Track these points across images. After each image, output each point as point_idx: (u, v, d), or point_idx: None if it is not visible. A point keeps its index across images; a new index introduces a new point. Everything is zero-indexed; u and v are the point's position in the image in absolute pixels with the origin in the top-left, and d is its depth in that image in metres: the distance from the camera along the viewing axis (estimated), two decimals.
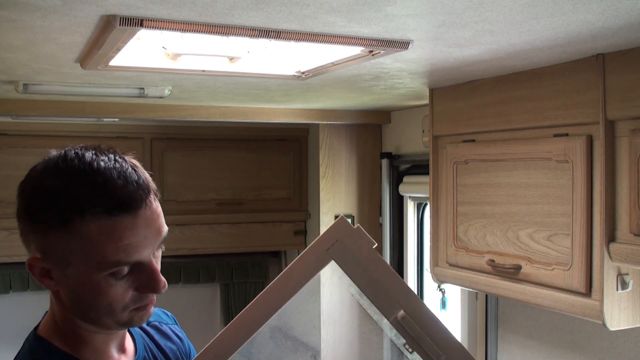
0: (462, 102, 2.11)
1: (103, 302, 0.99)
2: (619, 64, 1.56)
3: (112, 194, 0.94)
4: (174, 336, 1.31)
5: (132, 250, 0.96)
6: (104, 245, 0.94)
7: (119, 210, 0.94)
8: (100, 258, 0.95)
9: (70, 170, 0.96)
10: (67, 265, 0.97)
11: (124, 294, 0.99)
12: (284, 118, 2.95)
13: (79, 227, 0.94)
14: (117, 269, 0.96)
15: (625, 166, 1.57)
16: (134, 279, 1.00)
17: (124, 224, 0.94)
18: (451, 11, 1.21)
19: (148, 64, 1.70)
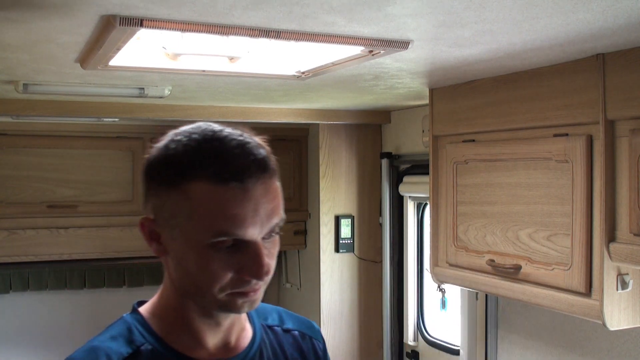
0: (462, 102, 2.11)
1: (204, 275, 0.95)
2: (619, 64, 1.56)
3: (226, 160, 0.92)
4: (310, 354, 1.20)
5: (237, 222, 0.92)
6: (209, 210, 0.92)
7: (229, 177, 0.91)
8: (204, 224, 0.92)
9: (193, 134, 0.96)
10: (174, 228, 0.96)
11: (223, 272, 0.94)
12: (284, 118, 2.95)
13: (188, 188, 0.92)
14: (219, 240, 0.92)
15: (625, 166, 1.57)
16: (237, 259, 0.94)
17: (232, 193, 0.91)
18: (451, 11, 1.21)
19: (148, 64, 1.70)
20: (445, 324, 3.01)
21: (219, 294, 0.96)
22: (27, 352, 3.49)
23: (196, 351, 1.04)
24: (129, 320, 1.06)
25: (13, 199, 3.18)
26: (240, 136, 0.97)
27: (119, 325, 1.07)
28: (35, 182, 3.24)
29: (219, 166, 0.92)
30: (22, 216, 3.18)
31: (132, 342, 1.02)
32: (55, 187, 3.28)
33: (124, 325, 1.06)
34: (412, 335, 3.16)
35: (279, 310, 1.22)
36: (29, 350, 3.50)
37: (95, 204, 3.35)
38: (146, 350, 1.01)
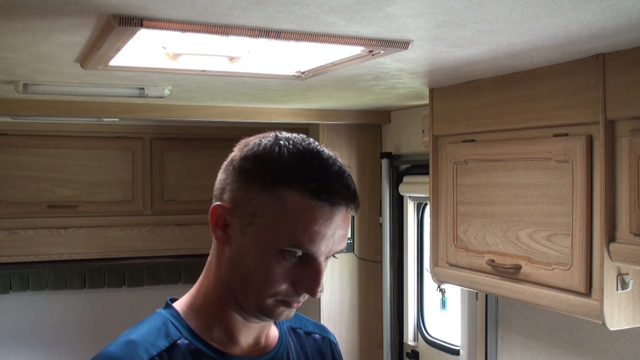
0: (462, 102, 2.11)
1: (260, 277, 0.99)
2: (619, 64, 1.56)
3: (326, 180, 0.97)
4: (329, 356, 1.25)
5: (315, 239, 0.97)
6: (296, 220, 0.96)
7: (325, 197, 0.96)
8: (286, 231, 0.96)
9: (298, 144, 1.01)
10: (250, 225, 0.99)
11: (282, 280, 0.99)
12: (284, 118, 2.95)
13: (284, 195, 0.96)
14: (292, 250, 0.97)
15: (625, 166, 1.57)
16: (298, 271, 0.99)
17: (322, 212, 0.96)
18: (451, 11, 1.21)
19: (148, 64, 1.70)
20: (445, 324, 3.01)
21: (267, 299, 1.00)
22: (27, 352, 3.49)
23: (230, 347, 1.06)
24: (164, 314, 1.08)
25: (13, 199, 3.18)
26: (339, 161, 1.03)
27: (155, 319, 1.08)
28: (35, 182, 3.24)
29: (319, 184, 0.97)
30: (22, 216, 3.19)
31: (168, 336, 1.03)
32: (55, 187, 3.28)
33: (160, 319, 1.07)
34: (412, 335, 3.16)
35: (297, 313, 1.24)
36: (29, 350, 3.50)
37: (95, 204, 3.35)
38: (183, 344, 1.03)
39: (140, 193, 3.48)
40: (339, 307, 3.34)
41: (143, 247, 3.53)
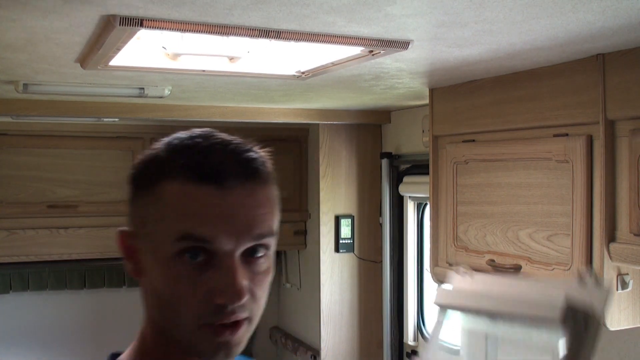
0: (462, 102, 2.11)
1: (172, 298, 0.79)
2: (619, 64, 1.56)
3: (204, 157, 0.80)
4: None
5: (207, 225, 0.77)
6: (176, 210, 0.78)
7: (205, 176, 0.78)
8: (169, 226, 0.77)
9: (181, 134, 0.85)
10: (145, 239, 0.81)
11: (191, 292, 0.77)
12: (284, 118, 2.95)
13: (162, 187, 0.79)
14: (184, 245, 0.77)
15: (625, 166, 1.57)
16: (207, 277, 0.77)
17: (207, 193, 0.77)
18: (451, 11, 1.21)
19: (148, 64, 1.70)
20: None
21: (192, 325, 0.78)
22: (27, 352, 3.49)
23: None
24: None
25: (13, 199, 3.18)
26: (231, 138, 0.84)
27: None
28: (35, 182, 3.23)
29: (196, 163, 0.79)
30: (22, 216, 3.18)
31: None
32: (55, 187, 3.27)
33: None
34: (412, 335, 3.16)
35: None
36: (29, 350, 3.50)
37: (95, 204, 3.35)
38: None
39: None
40: (339, 307, 3.34)
41: None
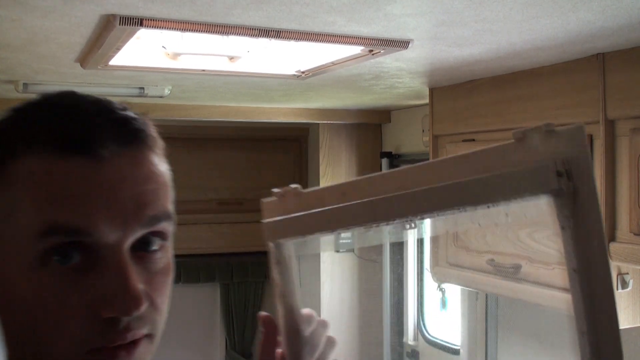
0: (462, 101, 2.11)
1: (42, 319, 0.54)
2: (618, 64, 1.56)
3: (68, 123, 0.57)
4: None
5: (80, 210, 0.54)
6: (36, 195, 0.54)
7: (70, 144, 0.55)
8: (29, 218, 0.54)
9: (27, 102, 0.61)
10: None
11: (69, 307, 0.54)
12: (284, 118, 2.95)
13: (8, 171, 0.56)
14: (51, 242, 0.53)
15: (625, 165, 1.57)
16: (89, 284, 0.54)
17: (76, 169, 0.55)
18: (451, 10, 1.21)
19: (148, 64, 1.70)
20: (445, 323, 3.01)
21: (73, 356, 0.54)
22: None
23: None
24: None
25: None
26: (98, 96, 0.63)
27: None
28: None
29: (55, 129, 0.56)
30: None
31: None
32: None
33: None
34: (412, 335, 3.16)
35: None
36: None
37: None
38: None
39: None
40: (339, 307, 3.34)
41: None
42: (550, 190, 0.54)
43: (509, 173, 0.55)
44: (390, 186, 0.64)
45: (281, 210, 0.75)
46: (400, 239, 0.70)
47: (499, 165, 0.57)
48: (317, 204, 0.70)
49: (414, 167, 0.64)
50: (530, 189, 0.55)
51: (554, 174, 0.53)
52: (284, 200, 0.75)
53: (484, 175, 0.56)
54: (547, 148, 0.55)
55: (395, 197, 0.62)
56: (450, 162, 0.61)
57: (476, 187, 0.57)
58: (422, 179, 0.62)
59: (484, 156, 0.58)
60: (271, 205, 0.77)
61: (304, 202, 0.73)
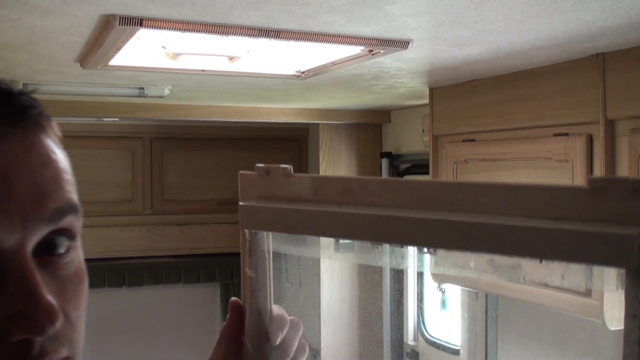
0: (462, 101, 2.11)
1: None
2: (619, 63, 1.56)
3: None
4: None
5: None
6: None
7: None
8: None
9: None
10: None
11: None
12: (284, 118, 2.95)
13: None
14: None
15: (625, 166, 1.56)
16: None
17: None
18: (451, 10, 1.21)
19: (148, 64, 1.70)
20: (445, 324, 3.01)
21: None
22: None
23: None
24: None
25: None
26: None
27: None
28: None
29: None
30: None
31: None
32: None
33: None
34: (412, 335, 3.16)
35: None
36: None
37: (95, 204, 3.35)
38: None
39: (140, 193, 3.48)
40: (339, 307, 3.34)
41: (143, 247, 3.53)
42: (628, 267, 0.42)
43: (579, 232, 0.43)
44: (413, 200, 0.52)
45: (263, 190, 0.63)
46: (402, 266, 0.54)
47: (564, 213, 0.45)
48: (309, 195, 0.59)
49: (447, 184, 0.53)
50: (601, 259, 0.43)
51: (636, 249, 0.40)
52: (266, 179, 0.63)
53: (543, 222, 0.45)
54: (632, 210, 0.42)
55: (419, 221, 0.50)
56: (500, 189, 0.49)
57: (533, 236, 0.46)
58: (458, 201, 0.50)
59: (546, 195, 0.47)
60: (251, 182, 0.65)
61: (292, 188, 0.60)
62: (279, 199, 0.61)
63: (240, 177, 0.67)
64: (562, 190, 0.46)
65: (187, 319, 3.81)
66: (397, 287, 3.22)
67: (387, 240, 0.54)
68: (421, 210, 0.51)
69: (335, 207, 0.56)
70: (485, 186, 0.50)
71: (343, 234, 0.55)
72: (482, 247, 0.49)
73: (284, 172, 0.62)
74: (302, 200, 0.59)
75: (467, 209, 0.49)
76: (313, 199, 0.58)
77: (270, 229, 0.64)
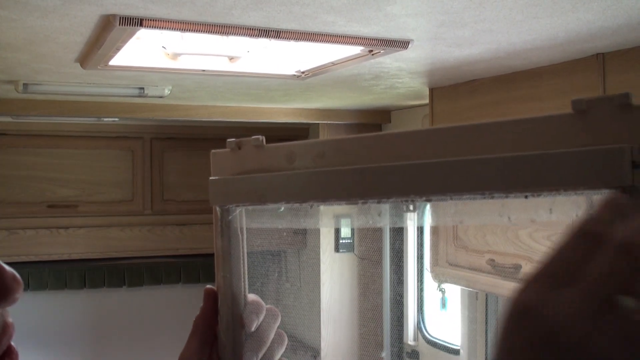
0: (462, 101, 2.11)
1: None
2: (619, 64, 1.56)
3: None
4: None
5: None
6: None
7: None
8: None
9: None
10: None
11: None
12: (284, 118, 2.95)
13: None
14: None
15: None
16: None
17: None
18: (451, 11, 1.21)
19: (148, 64, 1.70)
20: (445, 324, 3.01)
21: None
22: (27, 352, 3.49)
23: None
24: None
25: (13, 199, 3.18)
26: None
27: None
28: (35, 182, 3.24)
29: None
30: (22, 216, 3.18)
31: None
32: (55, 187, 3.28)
33: None
34: (412, 335, 3.16)
35: None
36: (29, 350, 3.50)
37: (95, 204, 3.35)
38: None
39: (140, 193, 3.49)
40: (339, 307, 3.34)
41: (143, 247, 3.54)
42: (619, 185, 0.38)
43: (565, 155, 0.40)
44: (389, 153, 0.48)
45: (235, 166, 0.60)
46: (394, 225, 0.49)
47: (548, 142, 0.42)
48: (283, 164, 0.55)
49: (424, 131, 0.48)
50: (592, 181, 0.39)
51: (628, 165, 0.38)
52: (239, 153, 0.61)
53: (527, 152, 0.41)
54: (620, 128, 0.39)
55: (396, 168, 0.46)
56: (478, 129, 0.45)
57: (517, 167, 0.41)
58: (435, 148, 0.46)
59: (528, 127, 0.44)
60: (222, 158, 0.63)
61: (265, 159, 0.57)
62: (252, 172, 0.58)
63: (212, 155, 0.64)
64: (547, 120, 0.43)
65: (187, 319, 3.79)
66: (397, 287, 3.22)
67: (370, 195, 0.48)
68: (400, 160, 0.47)
69: (308, 170, 0.53)
70: (464, 128, 0.46)
71: (320, 196, 0.51)
72: (466, 187, 0.43)
73: (255, 142, 0.59)
74: (275, 171, 0.55)
75: (449, 154, 0.44)
76: (287, 168, 0.54)
77: (241, 200, 0.58)
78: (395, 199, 0.48)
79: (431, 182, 0.45)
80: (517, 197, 0.42)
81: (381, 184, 0.47)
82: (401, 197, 0.47)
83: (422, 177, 0.45)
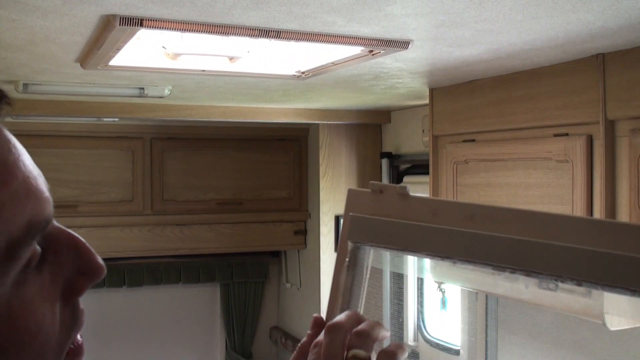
0: (462, 101, 2.11)
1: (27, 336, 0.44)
2: (619, 64, 1.56)
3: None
4: None
5: (36, 195, 0.48)
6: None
7: None
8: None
9: None
10: None
11: (52, 307, 0.47)
12: (284, 118, 2.95)
13: None
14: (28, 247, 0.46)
15: (625, 166, 1.56)
16: (52, 270, 0.48)
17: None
18: (451, 11, 1.21)
19: (148, 64, 1.70)
20: (445, 324, 3.01)
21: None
22: None
23: None
24: None
25: None
26: None
27: None
28: None
29: None
30: None
31: None
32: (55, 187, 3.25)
33: None
34: (412, 335, 3.16)
35: None
36: None
37: (95, 204, 3.35)
38: None
39: (140, 193, 3.48)
40: None
41: (143, 247, 3.53)
42: None
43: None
44: (542, 231, 0.50)
45: (374, 207, 0.61)
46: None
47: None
48: (427, 217, 0.56)
49: (585, 220, 0.53)
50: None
51: None
52: (380, 197, 0.61)
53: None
54: None
55: (558, 248, 0.49)
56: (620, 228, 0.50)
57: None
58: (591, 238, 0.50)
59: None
60: (361, 198, 0.63)
61: (408, 209, 0.58)
62: (391, 217, 0.59)
63: (350, 192, 0.65)
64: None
65: (187, 319, 3.80)
66: (397, 288, 3.22)
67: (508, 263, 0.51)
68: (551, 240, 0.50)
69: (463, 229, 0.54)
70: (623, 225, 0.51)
71: (467, 255, 0.53)
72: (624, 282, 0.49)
73: (400, 191, 0.61)
74: (416, 221, 0.57)
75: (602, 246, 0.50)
76: (430, 221, 0.56)
77: (384, 243, 0.60)
78: (546, 276, 0.50)
79: (590, 270, 0.49)
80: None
81: (536, 258, 0.50)
82: (554, 277, 0.50)
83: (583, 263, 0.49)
